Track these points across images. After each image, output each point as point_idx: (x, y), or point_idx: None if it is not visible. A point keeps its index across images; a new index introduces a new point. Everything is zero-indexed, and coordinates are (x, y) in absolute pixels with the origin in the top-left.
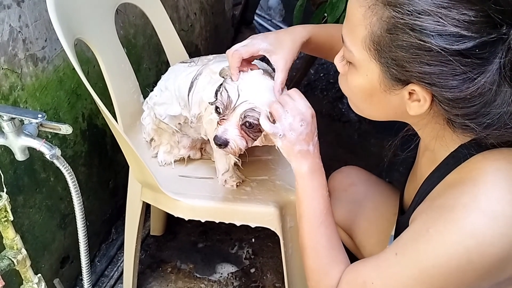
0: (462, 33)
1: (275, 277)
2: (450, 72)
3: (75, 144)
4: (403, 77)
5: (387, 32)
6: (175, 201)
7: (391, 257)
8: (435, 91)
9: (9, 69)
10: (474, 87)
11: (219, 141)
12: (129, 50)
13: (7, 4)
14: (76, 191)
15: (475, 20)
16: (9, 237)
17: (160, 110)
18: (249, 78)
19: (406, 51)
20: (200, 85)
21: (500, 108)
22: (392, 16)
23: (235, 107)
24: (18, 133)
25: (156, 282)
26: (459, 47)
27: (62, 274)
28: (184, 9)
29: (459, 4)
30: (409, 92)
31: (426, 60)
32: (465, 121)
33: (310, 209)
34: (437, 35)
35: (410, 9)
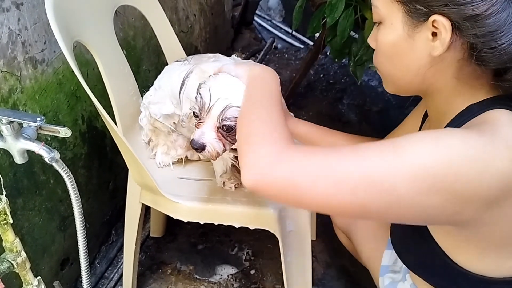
0: None
1: (274, 279)
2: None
3: (75, 146)
4: (423, 7)
5: None
6: (174, 203)
7: (389, 145)
8: (455, 15)
9: (8, 72)
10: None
11: (195, 145)
12: (128, 52)
13: (6, 7)
14: (75, 193)
15: None
16: (9, 240)
17: (155, 109)
18: (219, 79)
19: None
20: (191, 84)
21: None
22: None
23: (210, 108)
24: (17, 136)
25: (156, 283)
26: None
27: (62, 276)
28: (183, 11)
29: None
30: (431, 32)
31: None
32: (486, 41)
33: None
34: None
35: None
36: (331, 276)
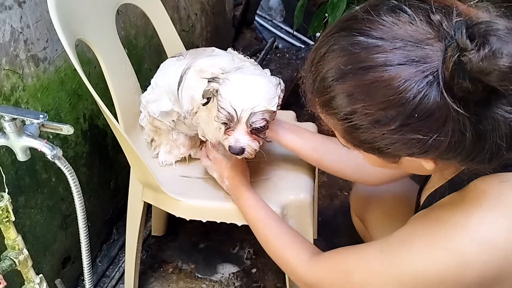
0: (389, 112)
1: (276, 277)
2: (416, 139)
3: (76, 145)
4: (392, 157)
5: (349, 134)
6: (176, 201)
7: (376, 254)
8: (423, 156)
9: (10, 69)
10: (447, 137)
11: (235, 151)
12: (130, 51)
13: (9, 5)
14: (78, 191)
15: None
16: (11, 238)
17: (153, 107)
18: (234, 87)
19: (371, 142)
20: (189, 80)
21: (491, 138)
22: (337, 123)
23: (239, 119)
24: (20, 133)
25: (157, 282)
26: (396, 121)
27: (64, 274)
28: (185, 10)
29: (369, 94)
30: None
31: (392, 141)
32: (469, 163)
33: (260, 215)
34: (371, 123)
35: (347, 112)
36: None
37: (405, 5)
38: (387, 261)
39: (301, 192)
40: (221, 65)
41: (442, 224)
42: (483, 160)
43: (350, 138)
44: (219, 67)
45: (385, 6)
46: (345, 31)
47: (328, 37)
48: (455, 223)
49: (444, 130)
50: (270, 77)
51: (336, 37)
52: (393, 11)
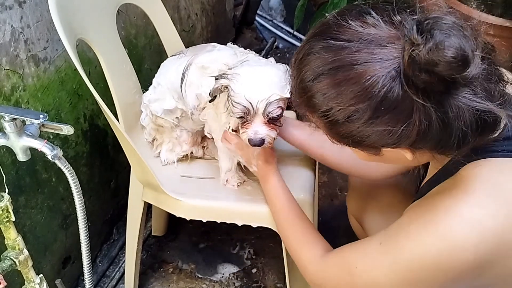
0: (359, 106)
1: (276, 277)
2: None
3: (77, 145)
4: (372, 149)
5: (330, 130)
6: (176, 201)
7: (375, 246)
8: (397, 146)
9: (11, 69)
10: (415, 127)
11: (255, 142)
12: (130, 51)
13: (9, 5)
14: (78, 191)
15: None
16: (11, 238)
17: (155, 106)
18: (246, 80)
19: (349, 135)
20: (192, 77)
21: (456, 126)
22: (318, 120)
23: (255, 111)
24: (20, 133)
25: (157, 282)
26: (366, 114)
27: (64, 274)
28: (185, 10)
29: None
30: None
31: (366, 133)
32: (439, 150)
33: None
34: (345, 118)
35: (324, 110)
36: None
37: (371, 9)
38: (385, 252)
39: (301, 192)
40: (223, 60)
41: (434, 210)
42: (452, 147)
43: (331, 133)
44: (222, 62)
45: (353, 11)
46: (318, 36)
47: (305, 43)
48: (446, 207)
49: (411, 120)
50: (277, 65)
51: (311, 42)
52: (359, 15)
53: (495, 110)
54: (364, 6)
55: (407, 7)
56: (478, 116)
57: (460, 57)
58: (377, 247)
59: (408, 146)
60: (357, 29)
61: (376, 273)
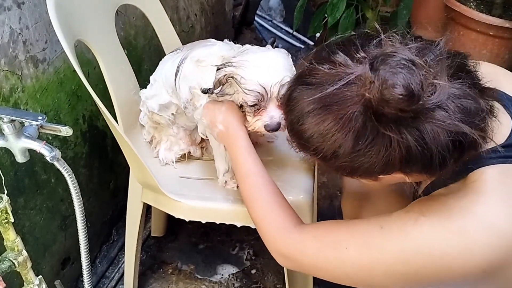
0: (339, 143)
1: (276, 278)
2: (373, 161)
3: (76, 146)
4: (367, 177)
5: (324, 164)
6: (175, 202)
7: (375, 229)
8: (387, 173)
9: (9, 71)
10: (396, 154)
11: (272, 127)
12: (130, 52)
13: (8, 6)
14: (77, 192)
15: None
16: (10, 239)
17: (152, 102)
18: (257, 65)
19: (341, 168)
20: (186, 70)
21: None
22: (311, 156)
23: (270, 96)
24: (19, 135)
25: (157, 283)
26: (347, 150)
27: (63, 275)
28: (184, 10)
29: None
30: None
31: (355, 165)
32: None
33: (251, 171)
34: (330, 155)
35: (313, 149)
36: None
37: (338, 49)
38: (389, 238)
39: (301, 193)
40: (220, 53)
41: (448, 208)
42: (435, 169)
43: (326, 166)
44: (219, 56)
45: (322, 52)
46: (296, 81)
47: (287, 87)
48: (462, 207)
49: (391, 149)
50: (278, 50)
51: (291, 88)
52: (328, 56)
53: (468, 131)
54: (333, 46)
55: (371, 39)
56: (452, 137)
57: (408, 94)
58: (377, 230)
59: (398, 172)
60: (325, 71)
61: (372, 258)
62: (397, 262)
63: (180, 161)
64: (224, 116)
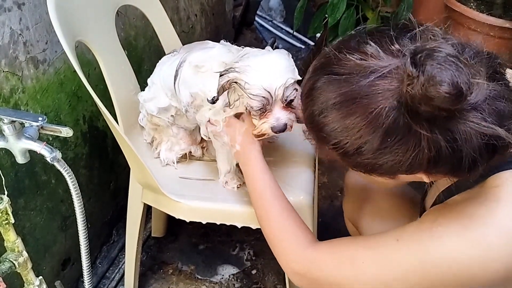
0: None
1: (276, 279)
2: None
3: (76, 146)
4: (386, 175)
5: (343, 160)
6: (176, 203)
7: (391, 242)
8: (410, 173)
9: (10, 71)
10: (424, 154)
11: (279, 128)
12: (130, 52)
13: (8, 7)
14: (77, 193)
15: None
16: (10, 240)
17: (150, 105)
18: (260, 69)
19: (362, 165)
20: (185, 74)
21: (466, 148)
22: (330, 151)
23: (274, 99)
24: (19, 136)
25: (157, 283)
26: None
27: (63, 276)
28: (184, 11)
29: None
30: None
31: (378, 163)
32: (453, 174)
33: (265, 189)
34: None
35: (334, 143)
36: None
37: (369, 38)
38: (406, 251)
39: (301, 193)
40: (218, 58)
41: (467, 217)
42: (463, 172)
43: (345, 163)
44: (217, 60)
45: (351, 42)
46: (320, 70)
47: (309, 77)
48: (480, 216)
49: (420, 148)
50: (279, 51)
51: (314, 77)
52: (358, 46)
53: (503, 135)
54: (363, 36)
55: (406, 32)
56: (486, 140)
57: (454, 92)
58: (394, 244)
59: (422, 172)
60: (356, 62)
61: (388, 270)
62: (415, 276)
63: (181, 162)
64: (243, 138)
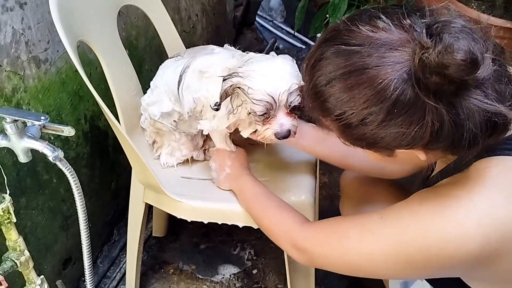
0: (372, 109)
1: (277, 278)
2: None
3: (78, 146)
4: (386, 150)
5: (343, 133)
6: (177, 203)
7: (376, 219)
8: (411, 147)
9: (12, 71)
10: (427, 128)
11: (282, 134)
12: (131, 52)
13: (10, 7)
14: (79, 192)
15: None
16: (12, 239)
17: (153, 109)
18: (264, 74)
19: (363, 138)
20: (189, 80)
21: (468, 124)
22: (332, 123)
23: (278, 105)
24: (21, 135)
25: (158, 283)
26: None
27: (65, 275)
28: (185, 11)
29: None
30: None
31: (380, 136)
32: (452, 150)
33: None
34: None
35: (338, 113)
36: (334, 276)
37: (381, 13)
38: (388, 227)
39: (302, 193)
40: (222, 63)
41: (446, 197)
42: (463, 147)
43: (345, 136)
44: (224, 67)
45: (363, 15)
46: (329, 42)
47: (316, 48)
48: (458, 196)
49: (424, 121)
50: (283, 56)
51: (322, 48)
52: (370, 20)
53: (505, 112)
54: (374, 10)
55: (417, 11)
56: (488, 117)
57: (470, 60)
58: (378, 221)
59: (421, 147)
60: (368, 34)
61: (371, 245)
62: (395, 250)
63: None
64: (233, 162)
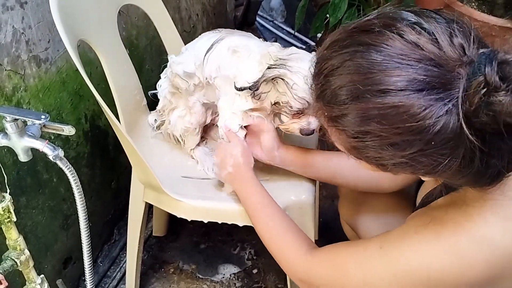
0: (404, 138)
1: (277, 278)
2: (426, 163)
3: (78, 145)
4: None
5: (355, 150)
6: (177, 202)
7: (375, 249)
8: (430, 176)
9: (12, 70)
10: (456, 163)
11: (307, 132)
12: (132, 51)
13: (10, 6)
14: (79, 192)
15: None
16: (12, 238)
17: (177, 67)
18: (301, 74)
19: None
20: (219, 52)
21: (496, 166)
22: (345, 139)
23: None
24: (21, 134)
25: (158, 282)
26: (411, 149)
27: (65, 274)
28: (186, 10)
29: (384, 117)
30: None
31: (401, 162)
32: (471, 185)
33: (256, 202)
34: (385, 145)
35: (355, 131)
36: None
37: (424, 21)
38: (387, 258)
39: (303, 193)
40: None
41: (443, 223)
42: (484, 184)
43: (355, 153)
44: (266, 51)
45: (404, 21)
46: (362, 46)
47: (341, 48)
48: (455, 222)
49: (454, 156)
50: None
51: (351, 51)
52: (412, 28)
53: None
54: (415, 16)
55: (460, 27)
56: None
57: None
58: (377, 251)
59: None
60: (412, 45)
61: (372, 277)
62: (394, 282)
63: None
64: (235, 161)
